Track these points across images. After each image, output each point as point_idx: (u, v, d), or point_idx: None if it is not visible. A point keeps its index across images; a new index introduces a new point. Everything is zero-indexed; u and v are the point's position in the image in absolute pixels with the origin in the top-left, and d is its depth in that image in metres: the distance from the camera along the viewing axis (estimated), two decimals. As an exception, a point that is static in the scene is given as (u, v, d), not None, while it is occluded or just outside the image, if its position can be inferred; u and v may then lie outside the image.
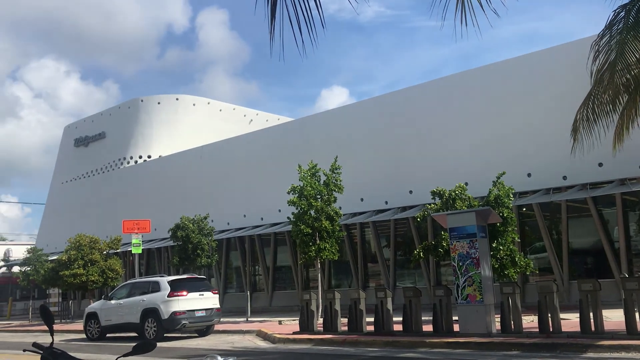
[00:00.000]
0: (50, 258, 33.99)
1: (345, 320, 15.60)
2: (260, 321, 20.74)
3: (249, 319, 21.68)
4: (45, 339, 4.24)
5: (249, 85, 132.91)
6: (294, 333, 15.85)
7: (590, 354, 10.48)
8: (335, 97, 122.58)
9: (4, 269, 43.22)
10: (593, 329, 11.60)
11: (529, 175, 20.09)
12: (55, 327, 4.36)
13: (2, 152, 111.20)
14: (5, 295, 42.75)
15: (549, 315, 12.21)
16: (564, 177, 19.49)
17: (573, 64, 16.42)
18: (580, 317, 11.79)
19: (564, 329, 12.25)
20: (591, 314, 11.66)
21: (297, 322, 16.68)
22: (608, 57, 10.91)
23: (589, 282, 12.06)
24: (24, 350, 4.34)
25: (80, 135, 42.55)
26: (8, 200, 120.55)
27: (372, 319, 14.97)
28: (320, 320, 16.57)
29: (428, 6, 5.64)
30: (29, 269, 35.60)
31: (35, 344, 4.14)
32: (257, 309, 26.20)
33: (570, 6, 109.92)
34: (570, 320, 13.48)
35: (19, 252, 42.86)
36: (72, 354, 3.98)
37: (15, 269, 40.19)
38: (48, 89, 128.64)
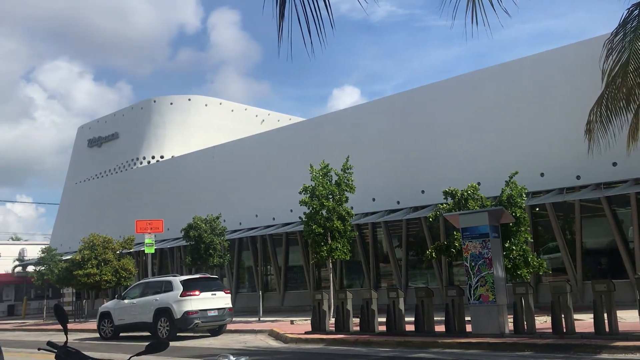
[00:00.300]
0: (64, 258, 34.26)
1: (357, 320, 15.59)
2: (273, 321, 20.77)
3: (261, 319, 21.71)
4: (59, 338, 4.29)
5: (261, 86, 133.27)
6: (306, 333, 15.86)
7: (605, 355, 10.39)
8: (347, 97, 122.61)
9: (18, 269, 43.64)
10: (607, 329, 11.50)
11: (542, 174, 19.97)
12: (69, 326, 4.40)
13: (17, 152, 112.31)
14: (20, 295, 43.19)
15: (563, 315, 12.12)
16: (578, 177, 19.35)
17: (586, 63, 16.31)
18: (594, 318, 11.70)
19: (577, 329, 12.16)
20: (605, 315, 11.57)
21: (309, 322, 16.69)
22: (621, 56, 10.83)
23: (603, 282, 11.97)
24: (39, 349, 4.38)
25: (93, 135, 42.88)
26: (23, 201, 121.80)
27: (384, 319, 14.94)
28: (332, 320, 16.56)
29: (439, 5, 5.63)
30: (43, 268, 35.95)
31: (49, 343, 4.18)
32: (269, 308, 26.25)
33: (584, 4, 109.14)
34: (584, 321, 13.38)
35: (33, 252, 43.34)
36: (86, 353, 4.01)
37: (30, 268, 40.58)
38: (62, 90, 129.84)
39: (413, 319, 14.37)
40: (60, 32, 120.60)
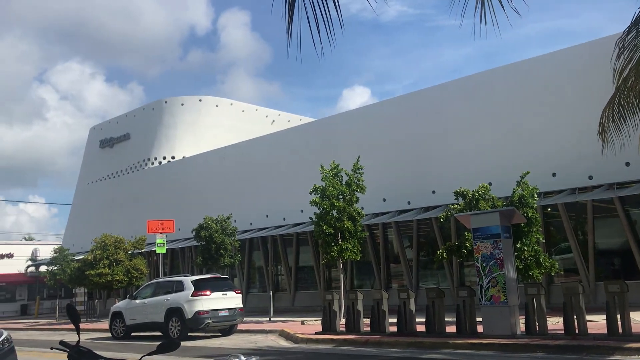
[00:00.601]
0: (76, 258, 34.49)
1: (367, 320, 15.57)
2: (283, 321, 20.80)
3: (271, 319, 21.75)
4: (71, 338, 4.31)
5: (271, 86, 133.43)
6: (317, 333, 15.87)
7: (618, 357, 10.31)
8: (357, 97, 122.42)
9: (31, 269, 44.00)
10: (620, 331, 11.40)
11: (553, 175, 19.85)
12: (81, 325, 4.43)
13: (29, 153, 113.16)
14: (33, 294, 43.57)
15: (575, 316, 12.04)
16: (590, 177, 19.21)
17: (599, 62, 16.17)
18: (607, 319, 11.61)
19: (590, 331, 12.07)
20: (618, 316, 11.47)
21: (320, 322, 16.69)
22: (633, 55, 10.72)
23: (616, 283, 11.87)
24: (52, 349, 4.42)
25: (105, 136, 43.16)
26: (35, 201, 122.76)
27: (394, 320, 14.91)
28: (343, 321, 16.56)
29: (448, 5, 5.61)
30: (55, 268, 36.17)
31: (62, 342, 4.21)
32: (280, 308, 26.28)
33: (596, 3, 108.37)
34: (597, 322, 13.29)
35: (46, 252, 43.64)
36: (97, 353, 4.05)
37: (43, 268, 40.88)
38: (73, 91, 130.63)
39: (424, 319, 14.34)
40: (72, 33, 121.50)
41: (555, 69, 20.37)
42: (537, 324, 12.56)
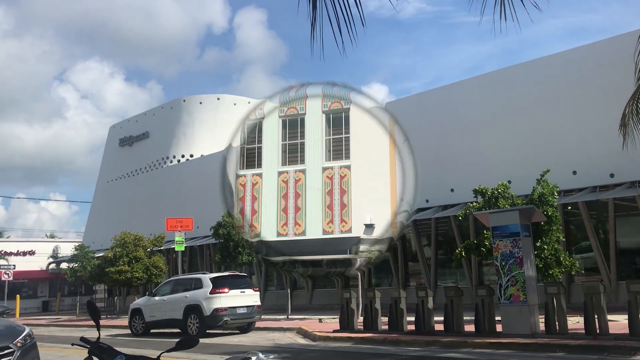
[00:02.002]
0: (96, 255, 34.87)
1: (385, 319, 15.53)
2: (301, 319, 20.83)
3: (289, 317, 21.80)
4: (92, 334, 4.36)
5: (287, 85, 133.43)
6: (334, 331, 15.87)
7: (639, 357, 10.16)
8: (375, 95, 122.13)
9: (52, 266, 44.58)
10: (642, 331, 11.25)
11: (574, 172, 19.62)
12: (101, 322, 4.47)
13: (50, 152, 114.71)
14: (54, 291, 44.13)
15: (596, 316, 11.90)
16: (611, 175, 18.96)
17: (621, 58, 15.97)
18: (629, 319, 11.46)
19: (611, 331, 11.92)
20: (640, 316, 11.32)
21: (338, 320, 16.69)
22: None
23: (638, 282, 11.71)
24: (73, 345, 4.46)
25: (124, 135, 43.54)
26: (56, 199, 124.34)
27: (412, 318, 14.87)
28: (361, 319, 16.53)
29: (468, 1, 5.55)
30: (76, 265, 36.63)
31: (82, 339, 4.26)
32: (298, 306, 26.31)
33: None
34: (618, 322, 13.12)
35: (66, 249, 44.21)
36: (117, 349, 4.08)
37: (64, 265, 41.41)
38: (93, 90, 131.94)
39: (442, 318, 14.27)
40: (91, 33, 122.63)
41: (575, 66, 20.13)
42: (557, 323, 12.44)
